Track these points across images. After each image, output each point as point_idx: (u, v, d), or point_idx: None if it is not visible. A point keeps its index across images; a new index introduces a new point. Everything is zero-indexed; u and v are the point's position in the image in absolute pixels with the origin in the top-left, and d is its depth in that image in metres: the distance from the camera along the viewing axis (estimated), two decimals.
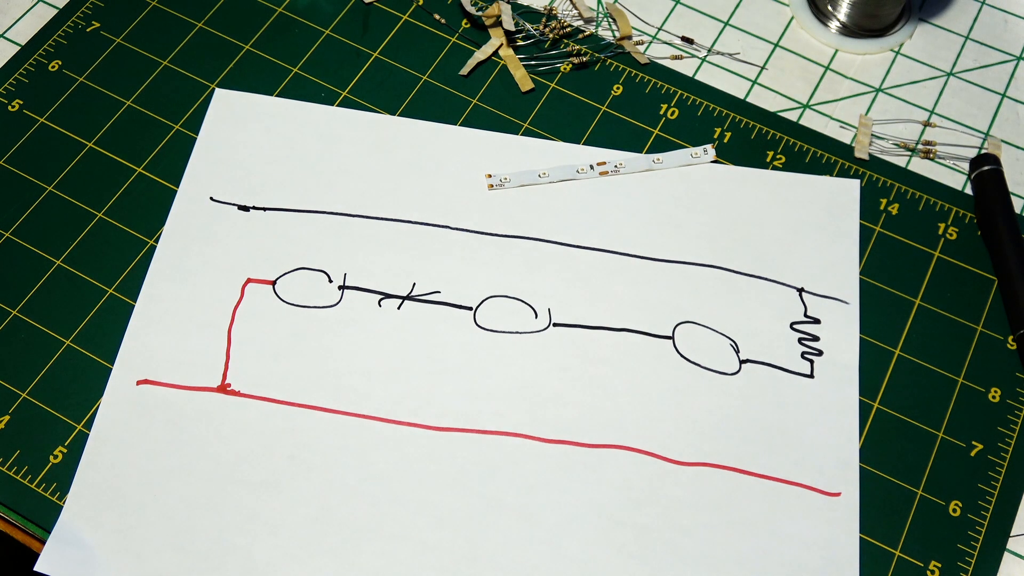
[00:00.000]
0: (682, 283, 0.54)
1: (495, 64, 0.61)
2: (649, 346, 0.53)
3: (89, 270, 0.54)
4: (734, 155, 0.59)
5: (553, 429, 0.50)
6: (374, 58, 0.61)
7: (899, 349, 0.53)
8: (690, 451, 0.50)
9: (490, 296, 0.54)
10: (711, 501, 0.49)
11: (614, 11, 0.63)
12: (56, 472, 0.49)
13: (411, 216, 0.56)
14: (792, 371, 0.52)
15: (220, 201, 0.56)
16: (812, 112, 0.61)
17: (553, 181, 0.57)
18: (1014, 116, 0.61)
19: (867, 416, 0.51)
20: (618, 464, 0.49)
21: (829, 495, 0.49)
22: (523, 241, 0.55)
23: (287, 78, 0.60)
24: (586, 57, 0.62)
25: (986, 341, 0.54)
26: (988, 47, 0.64)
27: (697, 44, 0.63)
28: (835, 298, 0.54)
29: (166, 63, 0.61)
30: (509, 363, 0.52)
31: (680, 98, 0.61)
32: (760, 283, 0.55)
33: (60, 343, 0.52)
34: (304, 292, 0.54)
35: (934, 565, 0.48)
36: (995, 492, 0.50)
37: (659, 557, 0.47)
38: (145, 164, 0.57)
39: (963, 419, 0.52)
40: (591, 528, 0.48)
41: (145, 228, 0.55)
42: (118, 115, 0.59)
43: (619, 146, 0.59)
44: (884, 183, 0.58)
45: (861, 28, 0.63)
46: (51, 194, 0.56)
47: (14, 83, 0.60)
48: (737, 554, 0.48)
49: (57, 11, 0.63)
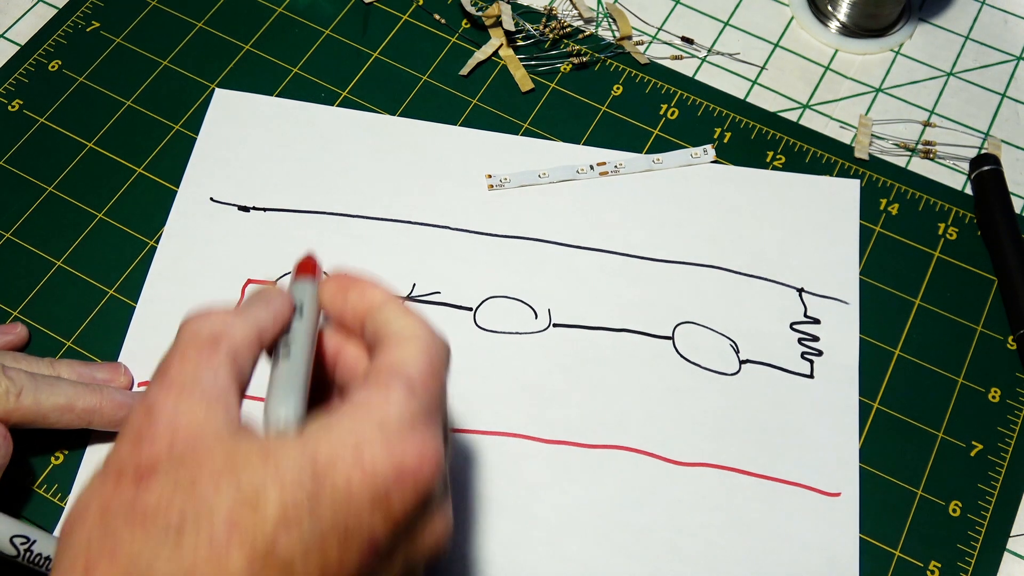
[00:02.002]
0: (682, 283, 0.54)
1: (495, 64, 0.61)
2: (649, 346, 0.53)
3: (89, 271, 0.54)
4: (734, 155, 0.59)
5: (553, 429, 0.50)
6: (374, 58, 0.61)
7: (899, 349, 0.53)
8: (690, 451, 0.50)
9: (490, 296, 0.54)
10: (711, 501, 0.49)
11: (614, 11, 0.63)
12: (56, 473, 0.49)
13: (411, 216, 0.56)
14: (792, 371, 0.52)
15: (220, 202, 0.56)
16: (812, 112, 0.61)
17: (553, 181, 0.57)
18: (1014, 116, 0.61)
19: (867, 416, 0.51)
20: (618, 464, 0.50)
21: (829, 495, 0.49)
22: (523, 241, 0.55)
23: (287, 78, 0.60)
24: (586, 57, 0.62)
25: (986, 341, 0.54)
26: (988, 47, 0.64)
27: (697, 44, 0.63)
28: (835, 298, 0.54)
29: (166, 63, 0.61)
30: (509, 363, 0.52)
31: (680, 98, 0.61)
32: (760, 283, 0.55)
33: (61, 344, 0.52)
34: None
35: (934, 565, 0.48)
36: (995, 492, 0.50)
37: (659, 557, 0.47)
38: (145, 164, 0.57)
39: (963, 419, 0.52)
40: (591, 528, 0.48)
41: (145, 228, 0.55)
42: (118, 115, 0.59)
43: (619, 146, 0.59)
44: (884, 183, 0.58)
45: (861, 28, 0.63)
46: (51, 194, 0.56)
47: (14, 83, 0.60)
48: (737, 554, 0.48)
49: (57, 11, 0.63)
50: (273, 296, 0.37)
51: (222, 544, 0.29)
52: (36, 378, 0.45)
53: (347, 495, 0.31)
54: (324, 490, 0.30)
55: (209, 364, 0.33)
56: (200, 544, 0.29)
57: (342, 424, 0.32)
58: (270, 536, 0.29)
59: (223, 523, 0.29)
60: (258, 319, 0.36)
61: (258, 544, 0.29)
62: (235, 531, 0.29)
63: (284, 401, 0.34)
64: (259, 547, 0.29)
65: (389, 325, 0.36)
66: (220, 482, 0.30)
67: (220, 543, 0.29)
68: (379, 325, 0.36)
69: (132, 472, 0.31)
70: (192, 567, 0.29)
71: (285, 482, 0.30)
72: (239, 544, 0.29)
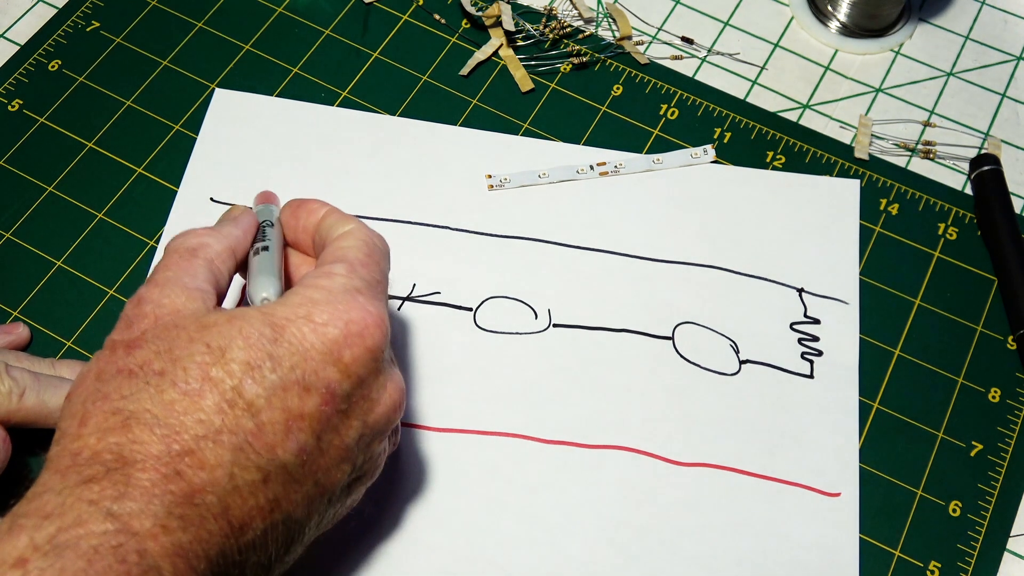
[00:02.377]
0: (682, 283, 0.54)
1: (495, 64, 0.61)
2: (649, 346, 0.53)
3: (89, 271, 0.54)
4: (734, 155, 0.59)
5: (553, 429, 0.50)
6: (374, 58, 0.61)
7: (899, 349, 0.53)
8: (690, 451, 0.50)
9: (490, 297, 0.54)
10: (711, 501, 0.49)
11: (614, 11, 0.63)
12: None
13: (411, 216, 0.56)
14: (792, 371, 0.52)
15: (220, 202, 0.56)
16: (812, 112, 0.61)
17: (553, 181, 0.57)
18: (1014, 116, 0.61)
19: (867, 416, 0.51)
20: (618, 464, 0.50)
21: (829, 495, 0.49)
22: (523, 241, 0.55)
23: (287, 78, 0.60)
24: (586, 57, 0.62)
25: (986, 341, 0.54)
26: (988, 47, 0.64)
27: (697, 44, 0.63)
28: (835, 298, 0.54)
29: (166, 63, 0.61)
30: (509, 363, 0.52)
31: (680, 98, 0.61)
32: (760, 283, 0.55)
33: (61, 344, 0.52)
34: None
35: (934, 565, 0.48)
36: (995, 492, 0.50)
37: (659, 557, 0.47)
38: (145, 164, 0.57)
39: (963, 419, 0.52)
40: (591, 528, 0.48)
41: (145, 228, 0.55)
42: (118, 115, 0.59)
43: (619, 146, 0.59)
44: (884, 183, 0.58)
45: (861, 28, 0.63)
46: (51, 194, 0.56)
47: (14, 83, 0.60)
48: (737, 554, 0.48)
49: (57, 11, 0.63)
50: (242, 216, 0.44)
51: (196, 388, 0.35)
52: (40, 377, 0.46)
53: (302, 347, 0.36)
54: (282, 343, 0.36)
55: (189, 267, 0.40)
56: (177, 387, 0.35)
57: (296, 295, 0.38)
58: (237, 381, 0.35)
59: (197, 370, 0.35)
60: (231, 234, 0.42)
61: (226, 387, 0.35)
62: (207, 377, 0.35)
63: (264, 283, 0.40)
64: (227, 390, 0.35)
65: (332, 229, 0.42)
66: (193, 342, 0.36)
67: (195, 387, 0.35)
68: (323, 231, 0.43)
69: (123, 345, 0.37)
70: (170, 405, 0.34)
71: (248, 337, 0.36)
72: (210, 388, 0.35)
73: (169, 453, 0.34)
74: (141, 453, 0.33)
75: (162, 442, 0.34)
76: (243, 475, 0.35)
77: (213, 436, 0.34)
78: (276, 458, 0.35)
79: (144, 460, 0.33)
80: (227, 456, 0.34)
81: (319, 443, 0.37)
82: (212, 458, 0.34)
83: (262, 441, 0.35)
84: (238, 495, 0.34)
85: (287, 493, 0.36)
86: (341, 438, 0.38)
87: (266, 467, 0.35)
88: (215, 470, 0.34)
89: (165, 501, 0.33)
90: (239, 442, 0.34)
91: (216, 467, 0.34)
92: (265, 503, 0.35)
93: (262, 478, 0.35)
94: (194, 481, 0.34)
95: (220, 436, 0.34)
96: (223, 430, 0.34)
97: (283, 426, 0.35)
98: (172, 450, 0.34)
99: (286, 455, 0.35)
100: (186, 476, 0.34)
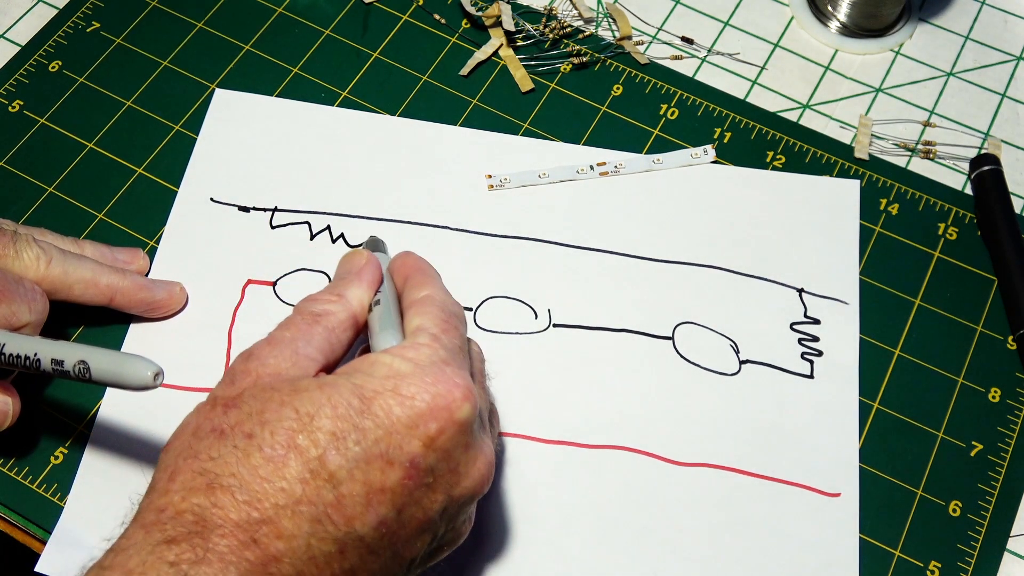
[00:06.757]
0: (682, 283, 0.54)
1: (495, 64, 0.61)
2: (649, 346, 0.53)
3: None
4: (734, 155, 0.59)
5: (553, 429, 0.50)
6: (374, 58, 0.61)
7: (899, 349, 0.53)
8: (690, 451, 0.50)
9: (490, 296, 0.54)
10: (711, 501, 0.49)
11: (614, 11, 0.63)
12: (57, 473, 0.49)
13: (411, 216, 0.56)
14: (792, 371, 0.52)
15: (220, 202, 0.56)
16: (812, 112, 0.61)
17: (553, 181, 0.57)
18: (1014, 116, 0.61)
19: (867, 416, 0.51)
20: (618, 464, 0.50)
21: (829, 495, 0.49)
22: (523, 241, 0.55)
23: (287, 78, 0.60)
24: (586, 57, 0.62)
25: (986, 341, 0.54)
26: (988, 47, 0.64)
27: (697, 44, 0.63)
28: (835, 298, 0.54)
29: (166, 63, 0.61)
30: (509, 363, 0.52)
31: (680, 98, 0.61)
32: (760, 283, 0.55)
33: None
34: (305, 293, 0.53)
35: (934, 565, 0.48)
36: (995, 492, 0.50)
37: (659, 557, 0.47)
38: (145, 164, 0.57)
39: (963, 419, 0.52)
40: (591, 528, 0.48)
41: (145, 229, 0.55)
42: (118, 115, 0.59)
43: (619, 146, 0.59)
44: (884, 183, 0.58)
45: (861, 28, 0.63)
46: (51, 194, 0.56)
47: (14, 83, 0.60)
48: (737, 554, 0.48)
49: (57, 11, 0.63)
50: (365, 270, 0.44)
51: (281, 455, 0.35)
52: (64, 252, 0.48)
53: (388, 420, 0.36)
54: (368, 416, 0.36)
55: (307, 332, 0.40)
56: (263, 451, 0.35)
57: (383, 365, 0.38)
58: (322, 451, 0.35)
59: (283, 436, 0.35)
60: (357, 299, 0.42)
61: (311, 456, 0.35)
62: (292, 445, 0.35)
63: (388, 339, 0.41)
64: (311, 459, 0.35)
65: (410, 292, 0.43)
66: (284, 406, 0.36)
67: (280, 453, 0.35)
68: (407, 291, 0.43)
69: (222, 403, 0.37)
70: (254, 470, 0.35)
71: (337, 407, 0.36)
72: (295, 456, 0.35)
73: (248, 520, 0.34)
74: (221, 518, 0.34)
75: (242, 508, 0.34)
76: (320, 546, 0.35)
77: (292, 506, 0.35)
78: (354, 531, 0.35)
79: (223, 526, 0.34)
80: (305, 527, 0.35)
81: (400, 516, 0.37)
82: (290, 528, 0.34)
83: (341, 514, 0.35)
84: (313, 565, 0.35)
85: (364, 564, 0.36)
86: (424, 511, 0.37)
87: (343, 539, 0.35)
88: (292, 540, 0.34)
89: (241, 568, 0.33)
90: (318, 513, 0.35)
91: (293, 537, 0.34)
92: (340, 573, 0.36)
93: (338, 549, 0.35)
94: (270, 550, 0.34)
95: (299, 506, 0.35)
96: (303, 500, 0.35)
97: (363, 499, 0.36)
98: (251, 517, 0.34)
99: (364, 528, 0.36)
100: (263, 544, 0.34)
